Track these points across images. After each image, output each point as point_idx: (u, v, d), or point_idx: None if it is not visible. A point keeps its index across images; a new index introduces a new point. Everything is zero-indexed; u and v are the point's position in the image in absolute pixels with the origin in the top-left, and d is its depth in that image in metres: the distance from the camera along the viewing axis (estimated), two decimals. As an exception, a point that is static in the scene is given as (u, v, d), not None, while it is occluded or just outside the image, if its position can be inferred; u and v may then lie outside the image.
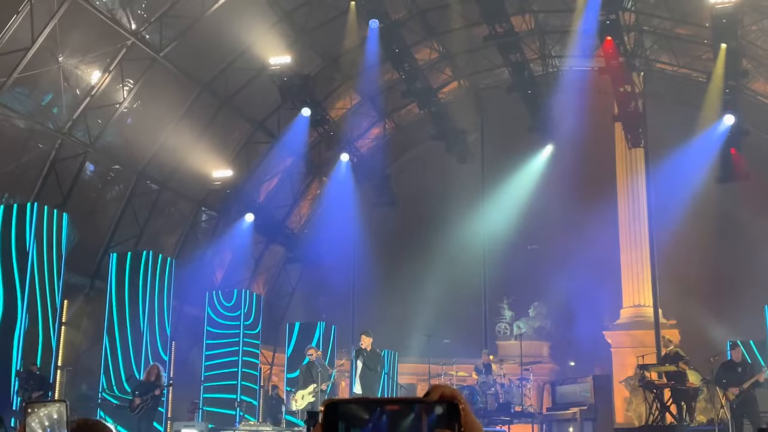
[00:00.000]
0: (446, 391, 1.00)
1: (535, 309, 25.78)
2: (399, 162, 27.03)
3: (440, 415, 0.99)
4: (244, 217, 23.15)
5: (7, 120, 17.99)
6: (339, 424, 0.98)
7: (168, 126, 20.82)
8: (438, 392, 1.00)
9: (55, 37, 17.45)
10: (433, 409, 0.99)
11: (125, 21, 18.87)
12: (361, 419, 0.98)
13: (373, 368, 13.60)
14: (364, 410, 0.99)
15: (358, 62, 22.35)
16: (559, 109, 22.42)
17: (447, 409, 0.99)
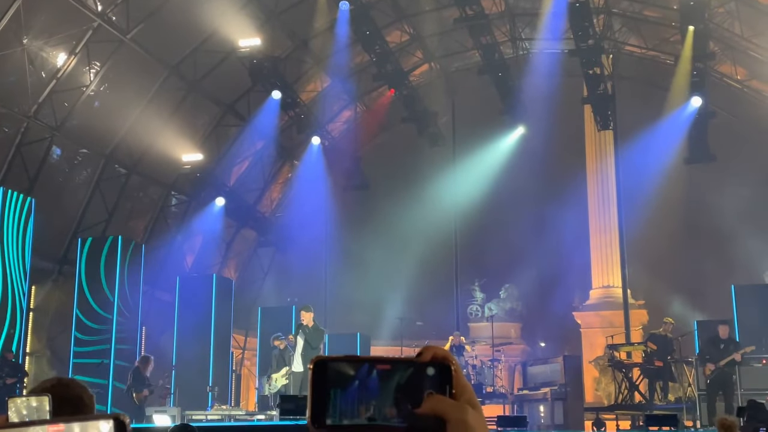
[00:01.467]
0: (438, 352, 0.98)
1: (506, 291, 25.94)
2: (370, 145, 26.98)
3: (432, 375, 0.97)
4: (214, 201, 22.97)
5: (-29, 103, 17.68)
6: (328, 382, 0.96)
7: (136, 109, 20.57)
8: (430, 353, 0.98)
9: (19, 19, 17.14)
10: (424, 369, 0.97)
11: (91, 2, 18.57)
12: (350, 377, 0.97)
13: (315, 346, 13.07)
14: (353, 368, 0.97)
15: (328, 44, 22.25)
16: (529, 92, 22.48)
17: (439, 370, 0.97)
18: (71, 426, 0.95)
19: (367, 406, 0.96)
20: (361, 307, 23.78)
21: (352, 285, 23.67)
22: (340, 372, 0.97)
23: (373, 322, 23.33)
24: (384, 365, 0.97)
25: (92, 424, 0.95)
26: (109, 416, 0.95)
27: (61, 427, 0.96)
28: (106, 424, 0.95)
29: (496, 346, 18.30)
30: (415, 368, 0.97)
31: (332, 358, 0.98)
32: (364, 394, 0.96)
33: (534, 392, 17.30)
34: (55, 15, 18.08)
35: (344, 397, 0.96)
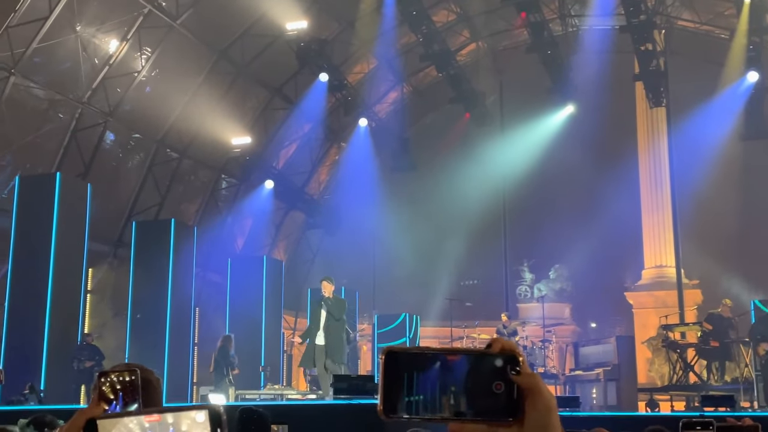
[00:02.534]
0: (506, 344, 1.01)
1: (555, 271, 25.76)
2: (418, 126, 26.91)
3: (500, 367, 0.99)
4: (263, 184, 23.19)
5: (27, 90, 18.05)
6: (399, 371, 0.99)
7: (186, 94, 20.80)
8: (499, 345, 1.01)
9: (72, 7, 17.42)
10: (493, 360, 0.99)
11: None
12: (420, 367, 0.99)
13: (338, 317, 12.56)
14: (423, 358, 0.99)
15: (375, 26, 22.18)
16: (578, 70, 22.19)
17: (506, 361, 0.99)
18: (166, 416, 0.99)
19: (437, 396, 0.99)
20: (409, 288, 23.82)
21: (401, 266, 23.72)
22: (411, 362, 0.99)
23: (422, 303, 23.36)
24: (453, 356, 1.00)
25: (187, 414, 0.99)
26: (204, 407, 1.00)
27: (156, 417, 1.00)
28: (201, 414, 0.99)
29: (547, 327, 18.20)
30: (484, 359, 1.00)
31: (403, 349, 1.01)
32: (433, 384, 0.99)
33: (586, 373, 17.20)
34: (107, 2, 18.35)
35: (414, 387, 0.99)
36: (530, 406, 0.99)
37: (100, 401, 1.47)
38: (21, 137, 17.95)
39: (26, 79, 17.60)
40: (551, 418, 0.99)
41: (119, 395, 1.41)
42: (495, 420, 0.99)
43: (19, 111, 17.88)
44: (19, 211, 14.93)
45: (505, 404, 0.99)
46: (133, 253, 18.02)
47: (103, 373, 1.51)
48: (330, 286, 12.57)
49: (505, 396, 0.99)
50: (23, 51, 16.98)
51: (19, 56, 16.96)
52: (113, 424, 1.01)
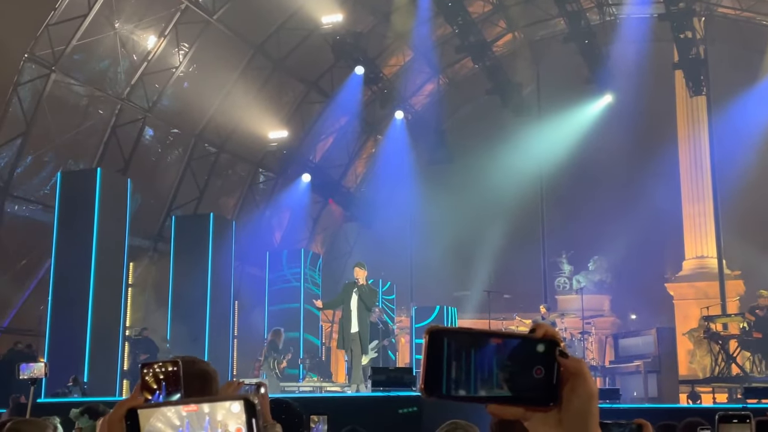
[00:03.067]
0: (549, 330, 1.01)
1: (594, 262, 25.55)
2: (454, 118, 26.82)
3: (541, 352, 1.00)
4: (300, 177, 23.30)
5: (68, 87, 18.32)
6: (442, 351, 1.00)
7: (223, 89, 20.97)
8: (542, 330, 1.01)
9: (110, 4, 17.64)
10: (535, 346, 1.00)
11: (178, -15, 18.96)
12: (464, 348, 1.00)
13: (370, 307, 12.16)
14: (467, 339, 1.00)
15: (410, 18, 22.14)
16: (617, 59, 21.95)
17: (548, 347, 1.00)
18: (203, 406, 1.01)
19: (478, 377, 1.00)
20: (447, 280, 23.80)
21: (438, 258, 23.68)
22: (454, 343, 1.00)
23: (460, 295, 23.33)
24: (496, 338, 1.00)
25: (222, 405, 1.01)
26: (240, 397, 1.01)
27: (194, 407, 1.01)
28: (236, 404, 1.01)
29: (586, 319, 18.07)
30: (526, 344, 1.00)
31: (447, 329, 1.01)
32: (476, 365, 1.00)
33: (626, 365, 17.04)
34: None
35: (457, 368, 1.00)
36: (572, 391, 0.99)
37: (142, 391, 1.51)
38: (62, 134, 18.24)
39: (66, 77, 17.87)
40: (591, 405, 1.00)
41: (162, 385, 1.45)
42: (534, 404, 1.00)
43: (60, 108, 18.16)
44: (61, 207, 15.16)
45: (544, 389, 1.00)
46: (173, 248, 18.22)
47: (147, 364, 1.55)
48: (363, 272, 12.09)
49: (545, 381, 1.00)
50: (63, 49, 17.23)
51: (59, 54, 17.22)
52: (153, 414, 1.03)
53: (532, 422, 1.01)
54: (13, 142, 17.24)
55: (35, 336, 16.65)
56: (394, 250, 24.47)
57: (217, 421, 1.01)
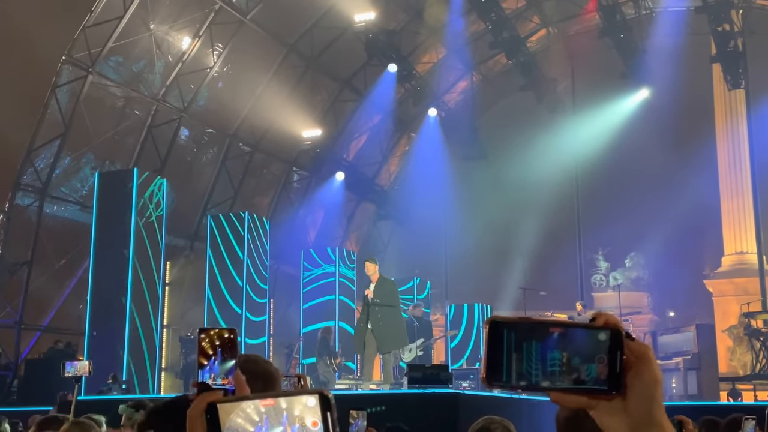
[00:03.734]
0: (610, 319, 1.00)
1: (631, 259, 25.31)
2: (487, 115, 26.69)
3: (603, 340, 0.99)
4: (334, 176, 23.35)
5: (105, 89, 18.54)
6: (503, 341, 1.00)
7: (257, 88, 21.08)
8: (603, 319, 1.00)
9: (145, 6, 17.82)
10: (597, 334, 0.99)
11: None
12: (524, 337, 1.00)
13: (387, 302, 11.35)
14: (527, 329, 1.00)
15: (443, 15, 22.07)
16: (653, 53, 21.68)
17: (610, 335, 0.99)
18: (280, 401, 1.04)
19: (539, 366, 0.99)
20: (482, 277, 23.70)
21: (473, 255, 23.59)
22: (514, 333, 1.00)
23: (495, 293, 23.22)
24: (557, 328, 1.00)
25: (299, 399, 1.03)
26: (315, 391, 1.03)
27: (271, 401, 1.04)
28: (312, 398, 1.02)
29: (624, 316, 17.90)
30: (587, 332, 0.99)
31: (507, 319, 1.01)
32: (536, 355, 0.99)
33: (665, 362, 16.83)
34: (179, 0, 18.68)
35: (517, 358, 1.00)
36: (636, 377, 0.99)
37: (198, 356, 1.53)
38: (99, 135, 18.46)
39: (103, 78, 18.09)
40: (657, 390, 0.99)
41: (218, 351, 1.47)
42: (597, 392, 0.99)
43: (97, 109, 18.39)
44: (99, 207, 15.34)
45: (607, 377, 0.99)
46: (209, 247, 18.35)
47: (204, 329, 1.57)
48: (373, 266, 11.43)
49: (607, 369, 0.99)
50: (100, 50, 17.45)
51: (95, 56, 17.43)
52: (233, 408, 1.06)
53: (597, 411, 1.00)
54: (51, 144, 17.50)
55: (74, 335, 16.88)
56: (429, 247, 24.43)
57: (294, 416, 1.02)
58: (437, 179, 24.17)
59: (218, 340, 1.48)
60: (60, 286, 18.14)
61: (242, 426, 1.04)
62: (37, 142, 17.27)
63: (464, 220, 24.13)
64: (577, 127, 23.58)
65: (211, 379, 1.46)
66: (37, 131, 17.18)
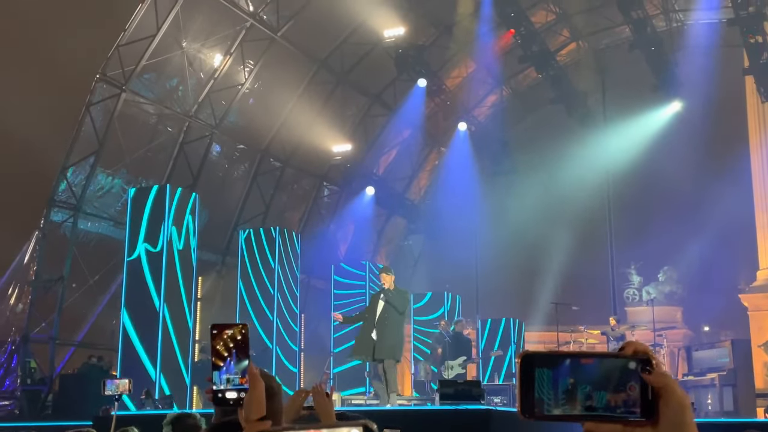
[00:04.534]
0: (639, 347, 1.03)
1: (664, 273, 25.05)
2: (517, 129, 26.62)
3: (633, 369, 1.02)
4: (364, 190, 23.41)
5: (138, 106, 18.77)
6: (536, 374, 1.02)
7: (288, 104, 21.23)
8: (632, 348, 1.03)
9: (178, 24, 18.04)
10: (627, 363, 1.02)
11: (243, 3, 19.28)
12: (556, 369, 1.02)
13: (402, 310, 11.28)
14: (558, 361, 1.03)
15: (472, 29, 22.09)
16: (684, 65, 21.52)
17: (640, 363, 1.02)
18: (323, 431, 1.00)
19: (572, 397, 1.02)
20: (513, 292, 23.58)
21: (504, 270, 23.49)
22: (546, 365, 1.03)
23: (526, 308, 23.08)
24: (588, 359, 1.02)
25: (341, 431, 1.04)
26: (358, 423, 1.05)
27: None
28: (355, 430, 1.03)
29: (658, 331, 17.67)
30: (617, 362, 1.02)
31: (539, 352, 1.04)
32: (569, 385, 1.02)
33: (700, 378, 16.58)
34: (211, 18, 18.91)
35: (550, 389, 1.02)
36: (664, 405, 1.01)
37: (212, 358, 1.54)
38: (133, 151, 18.68)
39: (136, 95, 18.32)
40: (685, 415, 1.01)
41: (233, 353, 1.48)
42: (630, 420, 1.02)
43: (131, 126, 18.63)
44: (132, 223, 15.49)
45: (639, 405, 1.01)
46: (240, 262, 18.45)
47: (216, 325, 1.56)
48: (389, 277, 11.41)
49: (639, 397, 1.01)
50: (133, 68, 17.67)
51: (129, 73, 17.66)
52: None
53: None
54: (86, 161, 17.72)
55: (108, 350, 17.03)
56: (459, 262, 24.36)
57: None
58: (467, 193, 24.13)
59: (231, 341, 1.49)
60: (94, 302, 18.34)
61: None
62: (72, 159, 17.51)
63: (495, 234, 24.05)
64: (608, 140, 23.42)
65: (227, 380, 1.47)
66: (72, 148, 17.42)
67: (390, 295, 11.17)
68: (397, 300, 11.18)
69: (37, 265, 17.19)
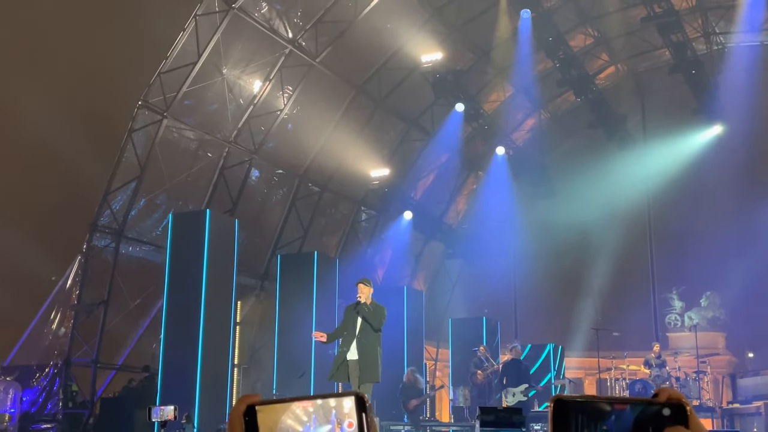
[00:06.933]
0: (673, 394, 1.03)
1: (707, 299, 24.61)
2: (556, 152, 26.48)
3: (667, 416, 1.01)
4: (402, 215, 23.42)
5: (179, 132, 19.03)
6: (568, 419, 1.02)
7: (326, 129, 21.37)
8: (665, 394, 1.03)
9: (218, 51, 18.30)
10: (661, 410, 1.01)
11: (282, 30, 19.51)
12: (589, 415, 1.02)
13: (377, 328, 10.25)
14: (591, 407, 1.02)
15: (510, 54, 22.09)
16: (726, 88, 21.29)
17: (674, 411, 1.01)
18: (327, 400, 1.08)
19: None
20: (552, 317, 23.36)
21: (543, 295, 23.29)
22: (579, 410, 1.02)
23: (566, 333, 22.83)
24: (621, 405, 1.02)
25: (340, 400, 1.08)
26: (351, 393, 1.08)
27: (311, 403, 1.08)
28: (348, 400, 1.07)
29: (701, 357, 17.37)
30: (651, 408, 1.02)
31: (571, 397, 1.04)
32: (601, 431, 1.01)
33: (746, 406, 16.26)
34: (250, 45, 19.14)
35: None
36: None
37: None
38: (173, 177, 18.90)
39: (177, 122, 18.57)
40: None
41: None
42: None
43: (172, 152, 18.86)
44: (172, 247, 15.65)
45: None
46: (278, 286, 18.52)
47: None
48: (367, 289, 10.35)
49: None
50: (174, 95, 17.93)
51: (170, 100, 17.92)
52: (271, 410, 1.09)
53: None
54: (127, 186, 17.97)
55: (148, 373, 17.16)
56: (498, 286, 24.23)
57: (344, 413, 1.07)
58: (505, 217, 24.03)
59: None
60: (135, 325, 18.51)
61: (292, 427, 1.08)
62: (114, 184, 17.76)
63: (533, 259, 23.89)
64: (647, 163, 23.21)
65: None
66: (114, 174, 17.68)
67: (365, 310, 10.18)
68: (374, 317, 10.19)
69: (80, 289, 17.41)
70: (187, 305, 15.12)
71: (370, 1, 19.86)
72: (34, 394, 16.83)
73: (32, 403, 16.73)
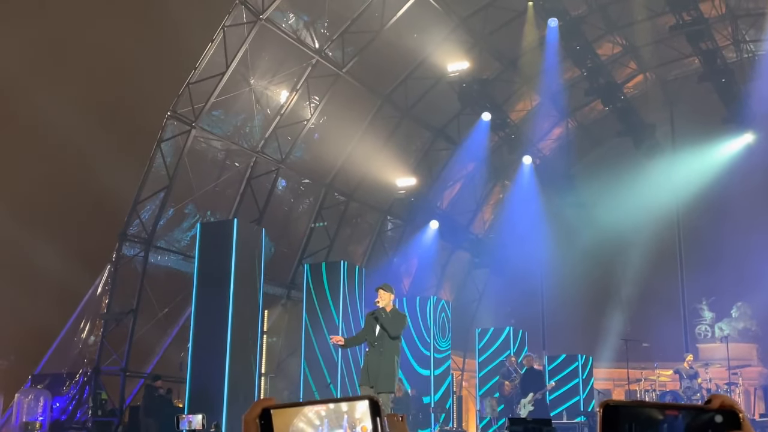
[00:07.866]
0: (726, 400, 1.01)
1: (738, 309, 24.28)
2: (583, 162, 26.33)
3: (720, 423, 0.99)
4: (428, 225, 23.39)
5: (207, 142, 19.16)
6: (618, 425, 1.00)
7: (353, 139, 21.41)
8: (718, 401, 1.01)
9: (246, 62, 18.42)
10: (713, 417, 0.99)
11: (309, 41, 19.60)
12: (639, 421, 1.00)
13: (395, 335, 9.88)
14: (642, 413, 1.01)
15: (537, 63, 22.03)
16: (756, 96, 21.06)
17: (727, 418, 0.99)
18: (339, 405, 1.11)
19: None
20: (581, 327, 23.16)
21: (571, 305, 23.12)
22: (629, 416, 1.01)
23: (595, 343, 22.62)
24: (673, 411, 1.01)
25: (353, 404, 1.10)
26: (364, 397, 1.10)
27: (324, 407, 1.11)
28: (362, 404, 1.10)
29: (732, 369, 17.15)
30: (703, 415, 1.00)
31: (622, 403, 1.02)
32: None
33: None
34: (277, 55, 19.26)
35: None
36: None
37: None
38: (201, 186, 19.03)
39: (205, 132, 18.70)
40: None
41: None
42: None
43: (200, 161, 19.00)
44: (200, 257, 15.73)
45: None
46: (305, 295, 18.56)
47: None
48: (388, 295, 9.96)
49: None
50: (203, 106, 18.07)
51: (199, 111, 18.06)
52: (287, 414, 1.11)
53: None
54: (156, 196, 18.11)
55: (176, 382, 17.24)
56: (525, 296, 24.09)
57: (356, 417, 1.10)
58: (532, 227, 23.91)
59: None
60: (163, 334, 18.62)
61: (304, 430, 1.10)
62: (143, 194, 17.91)
63: (561, 269, 23.73)
64: (677, 172, 22.99)
65: None
66: (143, 184, 17.83)
67: (384, 316, 9.83)
68: (391, 324, 9.83)
69: (109, 298, 17.55)
70: (215, 314, 15.18)
71: (396, 12, 19.90)
72: (65, 401, 16.98)
73: (62, 410, 16.87)
